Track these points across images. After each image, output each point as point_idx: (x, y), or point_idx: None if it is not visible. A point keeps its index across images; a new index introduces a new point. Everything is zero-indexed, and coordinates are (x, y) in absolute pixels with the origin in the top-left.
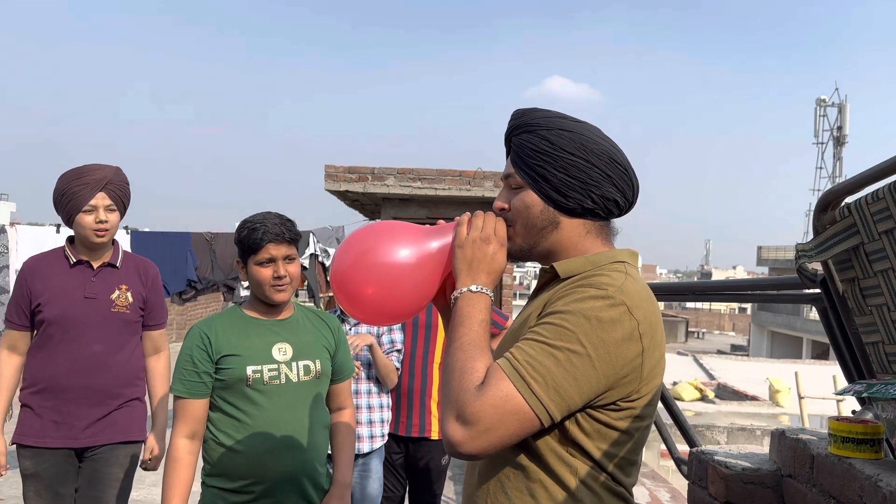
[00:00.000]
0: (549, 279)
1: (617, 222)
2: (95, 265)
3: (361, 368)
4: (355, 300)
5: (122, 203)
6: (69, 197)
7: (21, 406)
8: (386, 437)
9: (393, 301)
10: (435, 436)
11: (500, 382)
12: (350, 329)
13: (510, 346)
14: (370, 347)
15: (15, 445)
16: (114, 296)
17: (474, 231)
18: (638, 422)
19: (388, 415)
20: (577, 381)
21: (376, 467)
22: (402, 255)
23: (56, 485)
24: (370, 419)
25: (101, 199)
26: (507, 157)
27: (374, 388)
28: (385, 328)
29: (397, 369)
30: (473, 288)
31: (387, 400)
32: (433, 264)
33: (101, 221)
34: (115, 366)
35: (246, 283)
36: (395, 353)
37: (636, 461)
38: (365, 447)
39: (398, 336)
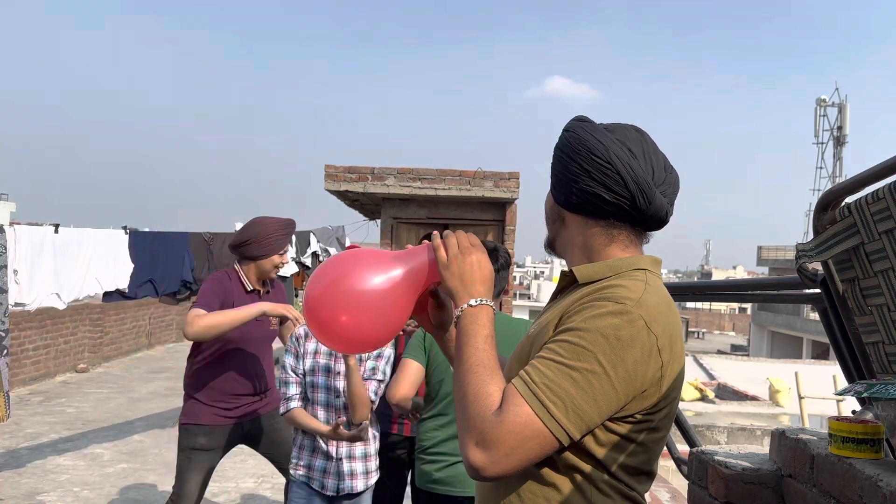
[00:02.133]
0: (568, 283)
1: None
2: (262, 292)
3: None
4: (327, 328)
5: None
6: (273, 243)
7: (189, 398)
8: (378, 473)
9: (367, 326)
10: None
11: (519, 407)
12: None
13: (528, 353)
14: (348, 367)
15: (184, 426)
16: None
17: (452, 248)
18: (654, 433)
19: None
20: (597, 402)
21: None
22: (373, 279)
23: (216, 455)
24: (365, 453)
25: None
26: None
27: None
28: (373, 353)
29: (372, 402)
30: (473, 302)
31: (376, 429)
32: (405, 286)
33: (284, 263)
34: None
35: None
36: (375, 382)
37: (651, 472)
38: (359, 485)
39: (382, 364)
